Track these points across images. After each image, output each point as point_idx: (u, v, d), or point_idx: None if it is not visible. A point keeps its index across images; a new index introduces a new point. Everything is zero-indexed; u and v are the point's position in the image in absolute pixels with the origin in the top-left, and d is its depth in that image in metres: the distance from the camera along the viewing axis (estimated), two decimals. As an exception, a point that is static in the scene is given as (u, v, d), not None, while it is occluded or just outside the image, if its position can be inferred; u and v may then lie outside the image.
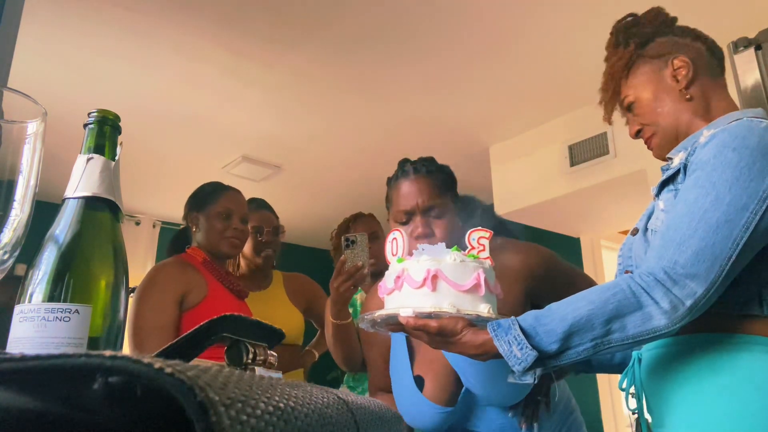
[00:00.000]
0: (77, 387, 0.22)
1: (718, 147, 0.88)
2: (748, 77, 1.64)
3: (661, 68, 1.06)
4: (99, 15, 2.40)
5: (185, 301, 1.60)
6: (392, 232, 1.04)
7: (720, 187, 0.84)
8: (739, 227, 0.82)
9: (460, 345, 0.90)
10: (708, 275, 0.81)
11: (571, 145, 3.29)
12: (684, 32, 1.10)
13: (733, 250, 0.81)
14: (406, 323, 0.91)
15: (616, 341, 0.83)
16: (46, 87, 2.89)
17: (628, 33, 1.11)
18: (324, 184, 4.24)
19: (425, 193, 1.30)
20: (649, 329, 0.82)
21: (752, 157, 0.84)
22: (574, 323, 0.83)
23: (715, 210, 0.83)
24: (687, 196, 0.88)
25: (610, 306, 0.83)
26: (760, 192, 0.82)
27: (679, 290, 0.81)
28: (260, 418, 0.22)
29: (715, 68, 1.07)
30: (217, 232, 1.73)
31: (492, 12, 2.45)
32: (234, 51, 2.68)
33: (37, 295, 0.49)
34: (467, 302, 0.91)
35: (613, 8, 2.41)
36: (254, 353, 0.46)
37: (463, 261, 0.93)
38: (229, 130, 3.43)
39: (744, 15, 2.39)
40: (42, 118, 0.48)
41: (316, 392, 0.32)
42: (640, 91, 1.07)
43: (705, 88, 1.04)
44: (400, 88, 3.03)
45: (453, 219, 1.31)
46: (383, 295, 1.00)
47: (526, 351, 0.84)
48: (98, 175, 0.55)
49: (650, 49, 1.08)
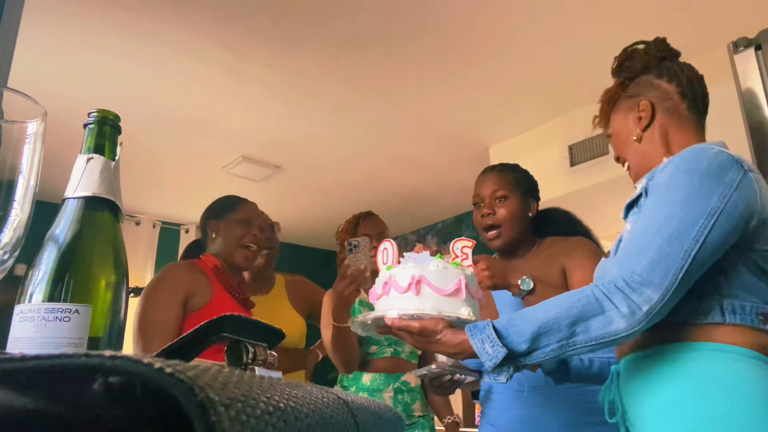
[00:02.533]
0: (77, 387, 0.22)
1: (672, 170, 0.98)
2: (748, 77, 1.64)
3: (632, 109, 1.17)
4: (99, 15, 2.40)
5: (190, 302, 1.62)
6: (383, 242, 1.12)
7: (673, 205, 0.93)
8: (689, 240, 0.90)
9: (440, 344, 0.98)
10: (662, 283, 0.89)
11: (571, 145, 3.29)
12: (668, 70, 1.17)
13: (685, 260, 0.89)
14: (392, 324, 1.00)
15: (580, 343, 0.91)
16: (46, 87, 2.89)
17: (621, 66, 1.22)
18: (324, 184, 4.24)
19: (493, 183, 1.59)
20: (610, 332, 0.89)
21: (701, 178, 0.94)
22: (542, 325, 0.91)
23: (668, 225, 0.92)
24: (646, 214, 0.98)
25: (575, 310, 0.91)
26: (709, 209, 0.91)
27: (637, 296, 0.89)
28: (260, 418, 0.22)
29: (682, 110, 1.14)
30: (237, 238, 1.76)
31: (492, 12, 2.45)
32: (234, 50, 2.68)
33: (37, 295, 0.49)
34: (449, 305, 1.00)
35: (614, 8, 2.42)
36: (254, 353, 0.46)
37: (445, 268, 1.01)
38: (229, 130, 3.43)
39: (744, 15, 2.39)
40: (42, 118, 0.48)
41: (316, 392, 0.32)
42: (615, 126, 1.20)
43: (665, 129, 1.13)
44: (401, 88, 3.03)
45: (517, 208, 1.55)
46: (373, 300, 1.08)
47: (496, 348, 0.92)
48: (98, 175, 0.55)
49: (630, 88, 1.19)
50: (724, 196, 0.92)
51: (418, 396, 1.97)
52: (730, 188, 0.93)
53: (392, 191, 4.31)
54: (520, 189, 1.58)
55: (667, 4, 2.39)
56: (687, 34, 2.59)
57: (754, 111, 1.62)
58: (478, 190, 1.61)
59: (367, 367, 1.95)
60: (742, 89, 1.65)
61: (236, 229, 1.77)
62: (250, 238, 1.78)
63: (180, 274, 1.68)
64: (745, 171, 0.95)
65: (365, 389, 1.91)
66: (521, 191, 1.58)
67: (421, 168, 3.98)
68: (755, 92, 1.62)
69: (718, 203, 0.91)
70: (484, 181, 1.61)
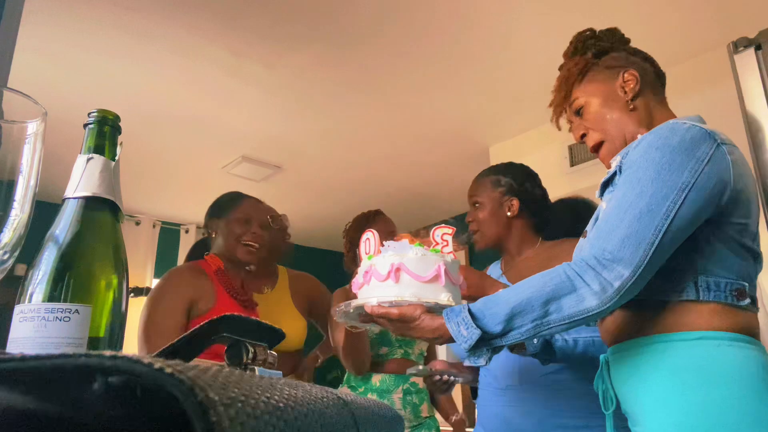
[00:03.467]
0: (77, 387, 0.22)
1: (645, 147, 0.98)
2: (748, 77, 1.64)
3: (613, 78, 1.15)
4: (99, 15, 2.40)
5: (194, 308, 1.63)
6: (365, 233, 1.11)
7: (644, 182, 0.93)
8: (660, 215, 0.90)
9: (418, 330, 0.99)
10: (633, 259, 0.89)
11: (571, 145, 3.29)
12: (636, 52, 1.19)
13: (656, 236, 0.89)
14: (371, 311, 1.00)
15: (554, 322, 0.91)
16: (46, 87, 2.89)
17: (586, 44, 1.21)
18: (324, 184, 4.24)
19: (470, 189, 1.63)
20: (582, 309, 0.90)
21: (672, 154, 0.93)
22: (516, 306, 0.92)
23: (639, 201, 0.92)
24: (618, 193, 0.98)
25: (547, 289, 0.92)
26: (679, 184, 0.91)
27: (608, 273, 0.89)
28: (260, 418, 0.22)
29: (658, 88, 1.17)
30: (236, 237, 1.76)
31: (492, 12, 2.45)
32: (234, 51, 2.68)
33: (37, 295, 0.49)
34: (428, 292, 1.00)
35: (614, 8, 2.42)
36: (254, 353, 0.46)
37: (424, 255, 1.01)
38: (229, 130, 3.43)
39: (744, 15, 2.39)
40: (42, 118, 0.48)
41: (316, 392, 0.32)
42: (590, 96, 1.16)
43: (648, 102, 1.13)
44: (401, 88, 3.03)
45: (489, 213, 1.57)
46: (356, 290, 1.08)
47: (471, 330, 0.92)
48: (98, 175, 0.55)
49: (605, 60, 1.18)
50: (695, 170, 0.92)
51: (425, 397, 1.99)
52: (701, 162, 0.92)
53: (392, 191, 4.31)
54: (497, 192, 1.59)
55: (667, 5, 2.39)
56: (687, 34, 2.59)
57: (754, 111, 1.62)
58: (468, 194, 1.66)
59: (378, 368, 1.95)
60: (742, 89, 1.65)
61: (236, 228, 1.77)
62: (250, 236, 1.77)
63: (184, 278, 1.69)
64: (718, 144, 0.95)
65: (375, 390, 1.92)
66: (499, 193, 1.58)
67: (421, 168, 3.98)
68: (755, 92, 1.62)
69: (689, 178, 0.91)
70: (469, 188, 1.65)
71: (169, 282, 1.69)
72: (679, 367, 0.93)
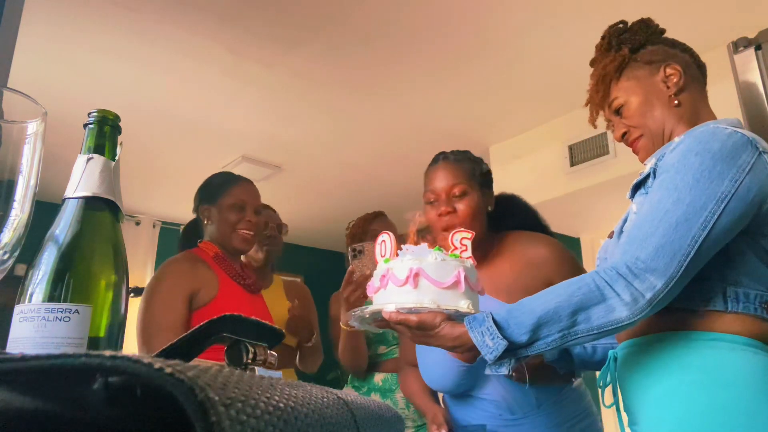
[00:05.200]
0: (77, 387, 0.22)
1: (683, 152, 0.93)
2: (748, 77, 1.64)
3: (653, 74, 1.09)
4: (99, 15, 2.40)
5: (196, 299, 1.54)
6: (381, 234, 1.09)
7: (682, 189, 0.89)
8: (697, 226, 0.86)
9: (439, 338, 0.95)
10: (667, 270, 0.85)
11: (571, 145, 3.29)
12: (673, 43, 1.14)
13: (692, 247, 0.86)
14: (389, 318, 0.97)
15: (582, 332, 0.88)
16: (46, 87, 2.89)
17: (620, 38, 1.15)
18: (324, 184, 4.24)
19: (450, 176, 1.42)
20: (612, 320, 0.86)
21: (713, 161, 0.89)
22: (543, 315, 0.88)
23: (675, 210, 0.88)
24: (653, 197, 0.94)
25: (575, 299, 0.88)
26: (719, 193, 0.87)
27: (640, 283, 0.86)
28: (260, 418, 0.22)
29: (701, 81, 1.11)
30: (230, 225, 1.66)
31: (492, 12, 2.45)
32: (234, 51, 2.68)
33: (37, 295, 0.49)
34: (448, 298, 0.96)
35: (614, 8, 2.41)
36: (254, 353, 0.46)
37: (444, 260, 0.98)
38: (229, 130, 3.43)
39: (744, 15, 2.39)
40: (42, 118, 0.48)
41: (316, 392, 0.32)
42: (631, 94, 1.10)
43: (694, 96, 1.08)
44: (401, 88, 3.03)
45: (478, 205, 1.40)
46: (371, 294, 1.05)
47: (497, 341, 0.89)
48: (98, 175, 0.55)
49: (642, 54, 1.12)
50: (736, 180, 0.88)
51: None
52: (742, 171, 0.88)
53: (392, 191, 4.31)
54: (477, 180, 1.43)
55: (666, 4, 2.39)
56: (687, 34, 2.57)
57: (754, 111, 1.62)
58: (432, 184, 1.43)
59: (379, 367, 1.95)
60: (742, 89, 1.65)
61: (230, 215, 1.67)
62: (245, 224, 1.67)
63: (182, 270, 1.58)
64: (760, 152, 0.91)
65: (377, 389, 1.92)
66: (480, 183, 1.43)
67: (421, 168, 3.97)
68: (755, 92, 1.62)
69: (729, 187, 0.87)
70: (438, 174, 1.43)
71: (166, 274, 1.58)
72: (689, 365, 0.90)
